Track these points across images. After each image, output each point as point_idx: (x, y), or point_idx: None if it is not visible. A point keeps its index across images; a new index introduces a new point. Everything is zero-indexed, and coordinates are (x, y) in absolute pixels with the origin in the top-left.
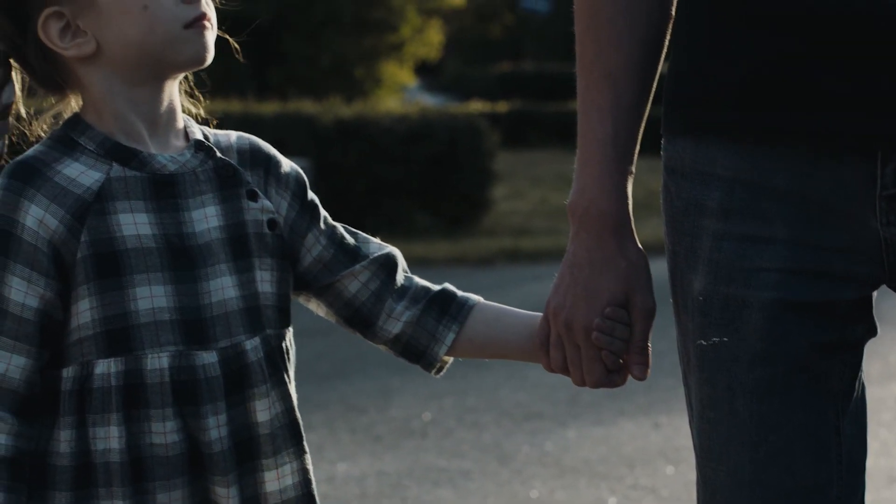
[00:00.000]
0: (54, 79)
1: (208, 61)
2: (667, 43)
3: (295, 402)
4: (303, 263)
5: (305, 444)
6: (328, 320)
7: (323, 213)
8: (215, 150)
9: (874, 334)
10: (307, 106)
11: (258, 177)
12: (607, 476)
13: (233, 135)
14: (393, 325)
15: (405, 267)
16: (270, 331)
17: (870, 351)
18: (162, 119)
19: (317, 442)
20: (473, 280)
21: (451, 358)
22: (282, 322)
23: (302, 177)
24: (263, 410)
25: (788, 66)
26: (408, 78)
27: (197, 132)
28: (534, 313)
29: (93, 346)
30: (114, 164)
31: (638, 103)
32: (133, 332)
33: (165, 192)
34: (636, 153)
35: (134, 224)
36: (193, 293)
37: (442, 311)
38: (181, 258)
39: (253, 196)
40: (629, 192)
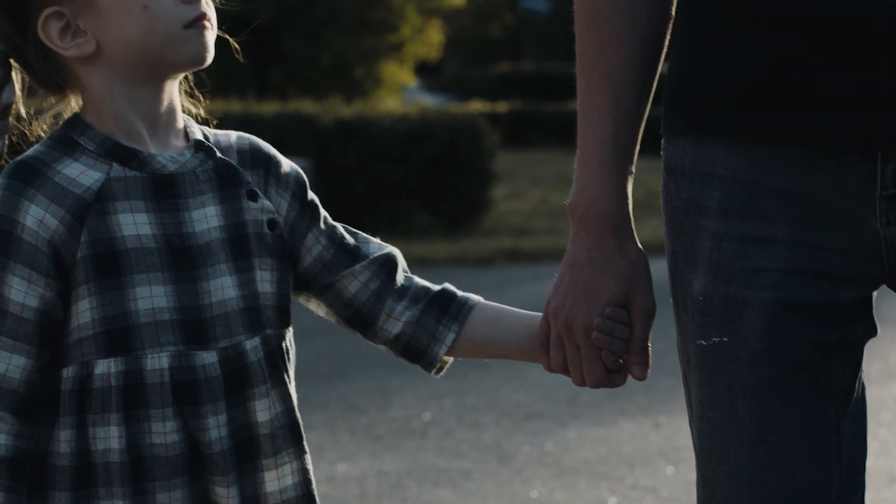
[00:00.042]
0: (54, 79)
1: (208, 61)
2: (667, 43)
3: (295, 402)
4: (303, 263)
5: (305, 444)
6: (328, 320)
7: (323, 213)
8: (215, 150)
9: (874, 334)
10: (307, 106)
11: (258, 177)
12: (607, 476)
13: (233, 135)
14: (393, 325)
15: (405, 267)
16: (270, 331)
17: (870, 351)
18: (162, 119)
19: (317, 442)
20: (473, 280)
21: (451, 358)
22: (282, 322)
23: (302, 177)
24: (263, 410)
25: (788, 66)
26: (408, 78)
27: (197, 132)
28: (534, 313)
29: (93, 346)
30: (114, 164)
31: (638, 103)
32: (133, 332)
33: (165, 192)
34: (636, 153)
35: (134, 224)
36: (193, 293)
37: (442, 311)
38: (181, 258)
39: (253, 196)
40: (629, 192)
